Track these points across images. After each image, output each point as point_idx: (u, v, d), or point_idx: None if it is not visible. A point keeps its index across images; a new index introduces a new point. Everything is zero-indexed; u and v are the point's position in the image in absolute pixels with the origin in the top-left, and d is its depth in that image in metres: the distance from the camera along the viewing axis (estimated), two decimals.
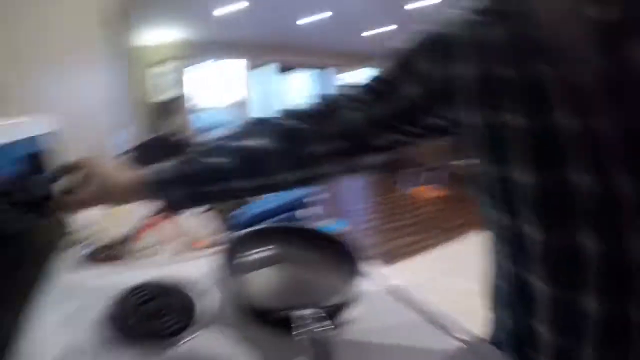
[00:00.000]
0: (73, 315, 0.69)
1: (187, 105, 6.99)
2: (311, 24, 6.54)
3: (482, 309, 0.69)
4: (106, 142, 2.59)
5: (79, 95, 1.95)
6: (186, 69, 6.87)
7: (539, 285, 0.51)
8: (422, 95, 0.57)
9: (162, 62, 6.51)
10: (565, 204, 0.46)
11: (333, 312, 0.67)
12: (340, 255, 0.80)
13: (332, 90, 0.67)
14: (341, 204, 5.54)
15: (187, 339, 0.64)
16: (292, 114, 0.65)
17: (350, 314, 0.69)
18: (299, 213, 1.23)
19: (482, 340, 0.65)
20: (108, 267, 0.90)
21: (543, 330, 0.53)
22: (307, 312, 0.57)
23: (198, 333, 0.65)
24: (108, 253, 1.00)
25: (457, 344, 0.63)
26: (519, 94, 0.47)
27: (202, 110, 7.49)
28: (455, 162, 5.91)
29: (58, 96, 1.56)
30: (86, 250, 0.98)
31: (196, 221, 1.17)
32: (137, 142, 2.22)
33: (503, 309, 0.63)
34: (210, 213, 1.28)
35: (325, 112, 0.62)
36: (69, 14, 1.90)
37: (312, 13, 6.17)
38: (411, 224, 4.70)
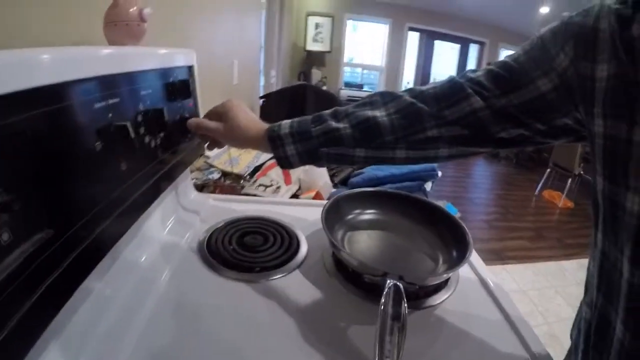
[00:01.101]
0: (178, 228, 0.77)
1: (336, 58, 7.16)
2: None
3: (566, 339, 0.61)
4: (255, 82, 2.76)
5: (236, 35, 2.06)
6: (343, 24, 7.05)
7: (622, 330, 0.43)
8: (555, 91, 0.52)
9: (321, 13, 6.70)
10: None
11: (423, 291, 0.65)
12: (450, 236, 0.77)
13: (470, 69, 0.63)
14: (467, 189, 5.32)
15: (278, 276, 0.67)
16: (417, 93, 0.63)
17: (438, 297, 0.66)
18: (419, 185, 1.19)
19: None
20: (224, 196, 0.97)
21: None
22: (398, 282, 0.55)
23: (289, 274, 0.68)
24: (227, 183, 1.08)
25: (524, 355, 0.58)
26: None
27: (351, 65, 7.66)
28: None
29: (215, 33, 1.67)
30: (212, 176, 1.07)
31: (315, 171, 1.21)
32: (283, 86, 2.32)
33: (582, 342, 0.54)
34: (329, 168, 1.31)
35: (450, 96, 0.59)
36: None
37: None
38: (531, 228, 4.34)
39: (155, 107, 0.65)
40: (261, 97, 2.44)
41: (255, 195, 1.02)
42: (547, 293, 3.01)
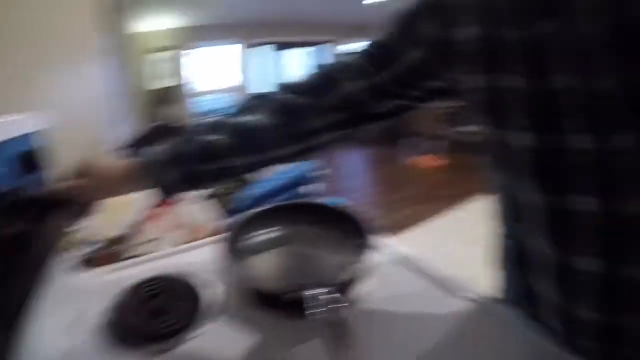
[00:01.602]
0: (73, 320, 0.66)
1: (185, 91, 6.95)
2: None
3: (487, 273, 0.70)
4: (105, 135, 2.54)
5: (75, 88, 1.90)
6: (183, 55, 6.80)
7: (540, 246, 0.51)
8: (423, 59, 0.56)
9: (159, 49, 6.44)
10: (564, 166, 0.45)
11: (345, 288, 0.66)
12: (348, 228, 0.78)
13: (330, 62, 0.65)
14: (341, 180, 5.53)
15: (194, 335, 0.62)
16: (290, 88, 0.63)
17: (362, 288, 0.67)
18: (301, 190, 1.21)
19: (491, 298, 0.66)
20: (109, 267, 0.87)
21: (544, 289, 0.54)
22: (319, 291, 0.55)
23: (205, 328, 0.63)
24: (108, 252, 0.99)
25: (468, 304, 0.64)
26: (521, 55, 0.46)
27: (201, 95, 7.41)
28: (453, 130, 5.90)
29: (53, 91, 1.51)
30: (85, 252, 0.96)
31: (196, 209, 1.16)
32: (137, 133, 2.18)
33: (510, 267, 0.63)
34: (209, 200, 1.27)
35: (323, 84, 0.61)
36: (62, 5, 1.84)
37: None
38: (413, 194, 4.70)
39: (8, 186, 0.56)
40: (120, 149, 2.27)
41: (143, 254, 0.94)
42: (447, 245, 3.29)
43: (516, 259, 0.60)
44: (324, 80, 0.62)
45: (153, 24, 6.22)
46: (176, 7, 5.88)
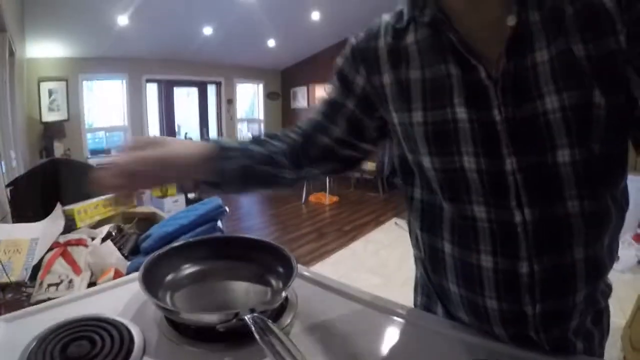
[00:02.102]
0: None
1: (79, 126, 6.47)
2: (196, 39, 6.48)
3: (399, 292, 0.80)
4: None
5: None
6: (79, 87, 6.41)
7: (446, 247, 0.62)
8: (359, 105, 0.66)
9: (53, 77, 5.98)
10: (462, 182, 0.56)
11: (277, 314, 0.66)
12: (264, 259, 0.79)
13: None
14: (240, 220, 5.46)
15: None
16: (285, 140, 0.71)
17: (292, 313, 0.68)
18: (211, 226, 1.18)
19: (413, 309, 0.73)
20: (15, 314, 0.75)
21: (452, 286, 0.64)
22: (254, 315, 0.55)
23: None
24: (12, 297, 0.87)
25: (396, 319, 0.69)
26: (426, 92, 0.57)
27: (93, 130, 7.01)
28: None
29: None
30: None
31: (101, 249, 1.07)
32: (29, 166, 1.95)
33: (424, 275, 0.73)
34: (113, 240, 1.18)
35: (301, 143, 0.70)
36: None
37: (195, 28, 6.14)
38: (311, 230, 4.79)
39: None
40: (7, 185, 2.01)
41: (49, 299, 0.84)
42: (352, 275, 3.39)
43: (426, 265, 0.70)
44: (302, 139, 0.71)
45: (45, 51, 5.75)
46: (68, 37, 5.54)
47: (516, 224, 0.53)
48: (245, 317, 0.55)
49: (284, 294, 0.67)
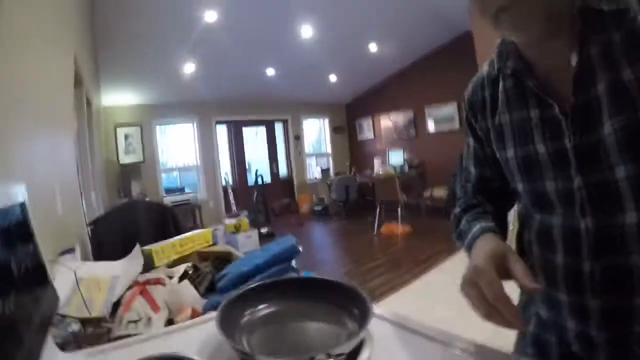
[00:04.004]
0: None
1: (154, 166, 7.06)
2: (260, 80, 6.81)
3: (471, 325, 0.78)
4: (78, 208, 2.44)
5: (50, 160, 1.84)
6: (153, 131, 7.02)
7: (534, 248, 0.73)
8: (480, 146, 0.82)
9: (128, 123, 6.59)
10: (545, 201, 0.68)
11: (353, 356, 0.64)
12: (338, 299, 0.78)
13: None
14: (313, 254, 5.48)
15: None
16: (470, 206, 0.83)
17: (367, 354, 0.66)
18: (286, 266, 1.19)
19: (490, 349, 0.67)
20: (95, 349, 0.80)
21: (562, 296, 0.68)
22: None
23: None
24: (93, 332, 0.92)
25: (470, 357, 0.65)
26: (515, 133, 0.70)
27: (167, 170, 7.60)
28: (405, 197, 6.05)
29: (29, 162, 1.44)
30: (68, 331, 0.90)
31: (178, 288, 1.12)
32: (108, 205, 2.11)
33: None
34: (189, 279, 1.23)
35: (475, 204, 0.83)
36: (43, 80, 1.84)
37: (259, 70, 6.45)
38: (383, 262, 4.70)
39: None
40: (89, 224, 2.18)
41: (129, 335, 0.89)
42: (427, 307, 3.25)
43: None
44: (472, 203, 0.83)
45: (119, 99, 6.35)
46: (139, 86, 6.08)
47: (581, 230, 0.62)
48: None
49: (359, 337, 0.65)
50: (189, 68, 5.82)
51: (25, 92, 1.43)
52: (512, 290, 0.63)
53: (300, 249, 1.26)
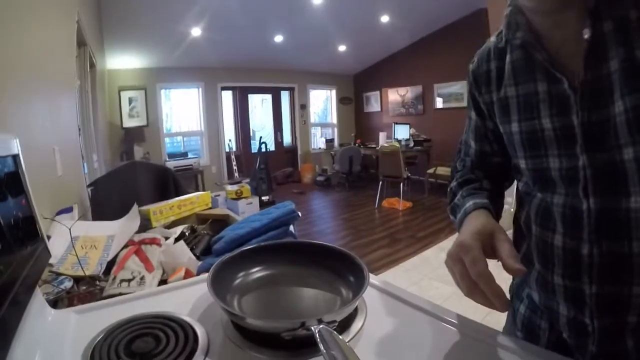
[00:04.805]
0: None
1: (157, 131, 7.00)
2: (268, 47, 6.68)
3: (465, 304, 0.73)
4: (79, 169, 2.44)
5: (52, 118, 1.82)
6: (157, 95, 6.93)
7: (533, 228, 0.70)
8: (485, 115, 0.78)
9: (132, 87, 6.52)
10: (548, 178, 0.65)
11: (346, 324, 0.63)
12: (336, 266, 0.76)
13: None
14: (312, 224, 5.50)
15: None
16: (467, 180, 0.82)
17: (360, 323, 0.64)
18: (283, 230, 1.18)
19: (485, 327, 0.66)
20: (84, 307, 0.79)
21: (535, 263, 0.70)
22: (321, 327, 0.52)
23: None
24: (84, 290, 0.91)
25: (466, 334, 0.64)
26: (520, 106, 0.67)
27: (171, 135, 7.54)
28: (409, 173, 6.02)
29: (30, 118, 1.43)
30: (59, 289, 0.89)
31: (174, 249, 1.10)
32: (110, 168, 2.09)
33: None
34: (186, 240, 1.21)
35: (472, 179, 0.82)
36: (43, 39, 1.80)
37: (267, 37, 6.32)
38: (384, 236, 4.71)
39: None
40: (89, 186, 2.18)
41: (121, 294, 0.88)
42: (423, 283, 3.28)
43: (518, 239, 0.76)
44: (470, 178, 0.82)
45: (124, 62, 6.27)
46: (144, 49, 5.99)
47: (582, 211, 0.59)
48: (312, 328, 0.53)
49: (353, 305, 0.64)
50: (195, 32, 5.70)
51: (22, 49, 1.39)
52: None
53: (299, 214, 1.25)
